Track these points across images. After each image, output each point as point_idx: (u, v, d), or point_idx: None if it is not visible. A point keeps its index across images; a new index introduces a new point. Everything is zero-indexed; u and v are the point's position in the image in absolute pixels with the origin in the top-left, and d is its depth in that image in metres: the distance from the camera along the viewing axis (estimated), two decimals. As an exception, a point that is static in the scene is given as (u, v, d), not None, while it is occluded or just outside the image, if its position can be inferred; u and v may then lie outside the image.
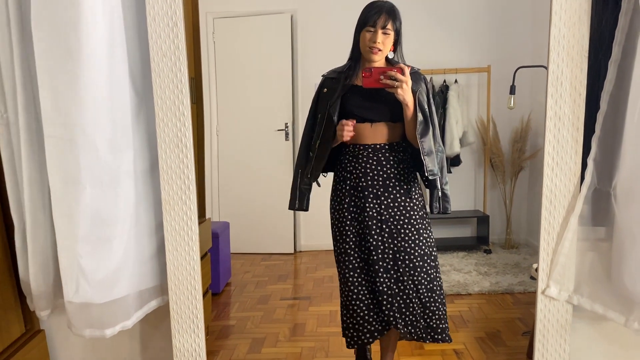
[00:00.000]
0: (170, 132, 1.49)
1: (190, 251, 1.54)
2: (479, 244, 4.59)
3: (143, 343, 1.83)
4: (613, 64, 1.42)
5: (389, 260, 1.99)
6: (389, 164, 2.00)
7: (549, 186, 1.46)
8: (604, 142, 1.46)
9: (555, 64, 1.40)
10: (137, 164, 1.54)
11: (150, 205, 1.60)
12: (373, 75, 1.82)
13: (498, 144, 4.54)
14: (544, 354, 1.54)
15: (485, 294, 3.54)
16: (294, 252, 4.77)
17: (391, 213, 2.00)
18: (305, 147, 2.13)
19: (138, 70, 1.52)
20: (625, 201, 1.42)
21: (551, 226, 1.48)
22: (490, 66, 4.52)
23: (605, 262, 1.51)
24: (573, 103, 1.42)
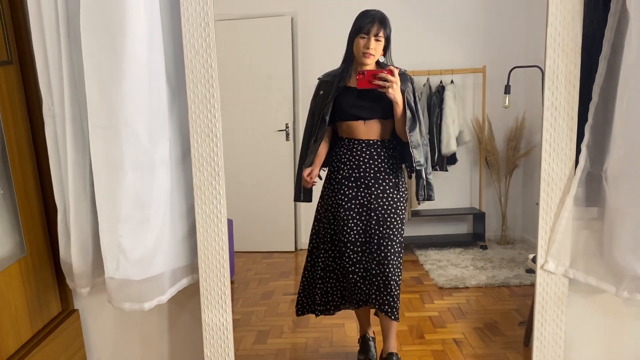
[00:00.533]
0: (201, 123, 1.63)
1: (219, 232, 1.68)
2: (475, 240, 4.65)
3: (171, 320, 1.95)
4: (603, 59, 1.58)
5: (374, 244, 2.20)
6: (380, 158, 2.20)
7: (547, 170, 1.62)
8: (596, 130, 1.63)
9: (552, 60, 1.56)
10: (172, 152, 1.67)
11: (182, 190, 1.73)
12: (366, 77, 2.04)
13: (493, 143, 4.63)
14: (543, 323, 1.69)
15: (482, 287, 3.60)
16: (295, 250, 4.79)
17: (379, 202, 2.20)
18: (306, 143, 2.34)
19: (172, 67, 1.66)
20: (614, 183, 1.58)
21: (549, 207, 1.64)
22: (486, 67, 4.62)
23: (598, 239, 1.66)
24: (568, 94, 1.58)
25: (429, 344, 2.73)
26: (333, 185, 2.28)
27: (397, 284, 2.22)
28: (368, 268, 2.22)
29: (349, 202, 2.22)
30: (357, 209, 2.21)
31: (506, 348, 2.68)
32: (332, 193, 2.27)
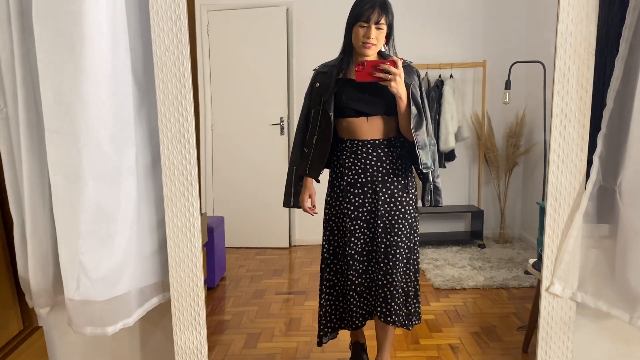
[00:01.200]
0: (172, 128, 1.46)
1: (192, 247, 1.52)
2: (472, 239, 4.62)
3: (143, 340, 1.81)
4: (620, 60, 1.41)
5: (381, 254, 2.03)
6: (388, 159, 2.01)
7: (554, 183, 1.46)
8: (610, 139, 1.46)
9: (562, 61, 1.39)
10: (139, 159, 1.51)
11: (151, 201, 1.58)
12: (366, 69, 1.82)
13: (492, 139, 4.55)
14: (547, 351, 1.54)
15: (480, 288, 3.57)
16: (289, 246, 4.77)
17: (387, 208, 2.03)
18: (300, 143, 2.14)
19: (140, 65, 1.50)
20: (630, 198, 1.42)
21: (556, 223, 1.48)
22: (486, 61, 4.53)
23: (610, 259, 1.51)
24: (579, 100, 1.41)
25: (424, 350, 2.65)
26: (337, 193, 2.11)
27: (404, 293, 2.09)
28: (374, 278, 2.07)
29: (355, 211, 2.04)
30: (365, 217, 2.04)
31: (504, 354, 2.60)
32: (337, 202, 2.11)
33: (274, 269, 4.17)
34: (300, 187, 2.16)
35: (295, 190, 2.17)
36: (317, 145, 2.04)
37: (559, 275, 1.51)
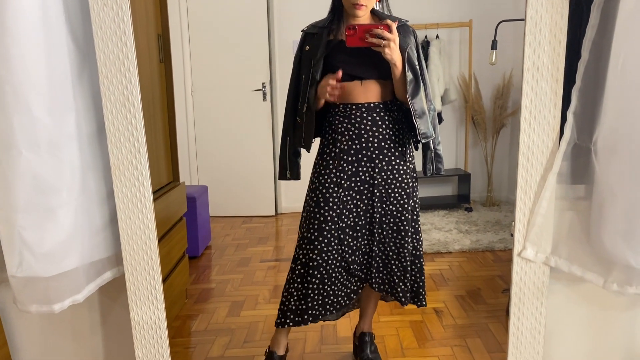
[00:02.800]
0: (115, 90, 1.35)
1: (144, 219, 1.43)
2: (459, 202, 4.58)
3: (103, 315, 1.74)
4: (596, 7, 1.30)
5: (375, 224, 1.92)
6: (384, 124, 1.88)
7: (526, 142, 1.37)
8: (585, 94, 1.36)
9: (534, 9, 1.28)
10: (82, 126, 1.41)
11: (99, 171, 1.48)
12: (357, 34, 1.69)
13: (480, 101, 4.46)
14: (520, 317, 1.48)
15: (466, 251, 3.56)
16: (275, 214, 4.73)
17: (383, 177, 1.90)
18: (291, 112, 1.99)
19: (79, 22, 1.38)
20: (606, 157, 1.33)
21: (528, 185, 1.39)
22: (472, 20, 4.38)
23: (584, 221, 1.43)
24: (553, 52, 1.31)
25: (408, 314, 2.62)
26: (327, 161, 1.92)
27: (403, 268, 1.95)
28: (371, 254, 1.93)
29: (348, 180, 1.88)
30: (358, 187, 1.89)
31: (488, 317, 2.58)
32: (327, 170, 1.92)
33: (259, 237, 4.13)
34: (296, 156, 2.01)
35: (291, 162, 2.01)
36: (307, 113, 1.91)
37: (532, 239, 1.43)
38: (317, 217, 1.92)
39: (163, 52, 2.64)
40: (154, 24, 2.53)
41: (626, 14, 1.23)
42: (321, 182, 1.93)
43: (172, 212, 2.66)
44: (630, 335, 1.60)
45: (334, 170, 1.90)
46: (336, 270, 1.93)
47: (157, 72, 2.57)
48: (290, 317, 1.96)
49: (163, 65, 2.66)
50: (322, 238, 1.89)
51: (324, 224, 1.90)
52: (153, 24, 2.51)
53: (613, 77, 1.27)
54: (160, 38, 2.62)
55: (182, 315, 2.74)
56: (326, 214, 1.90)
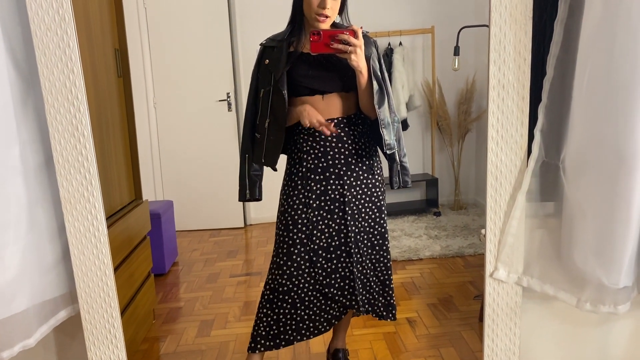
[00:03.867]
0: (63, 120, 1.26)
1: (99, 254, 1.35)
2: (428, 207, 4.59)
3: (60, 354, 1.64)
4: (559, 23, 1.28)
5: (351, 243, 1.85)
6: (350, 139, 1.83)
7: (494, 161, 1.34)
8: (552, 111, 1.34)
9: (498, 27, 1.25)
10: (28, 158, 1.31)
11: (49, 205, 1.38)
12: (322, 39, 1.62)
13: (444, 107, 4.48)
14: (494, 339, 1.45)
15: (437, 258, 3.56)
16: (244, 225, 4.64)
17: (353, 193, 1.85)
18: (250, 128, 1.90)
19: (21, 49, 1.28)
20: (574, 174, 1.31)
21: (497, 205, 1.37)
22: (434, 27, 4.40)
23: (555, 239, 1.41)
24: (518, 69, 1.28)
25: (381, 326, 2.57)
26: (295, 181, 1.86)
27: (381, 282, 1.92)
28: (345, 275, 1.86)
29: (317, 200, 1.82)
30: (328, 207, 1.82)
31: (461, 325, 2.57)
32: (295, 191, 1.85)
33: (228, 250, 4.04)
34: (256, 175, 1.91)
35: (251, 181, 1.92)
36: (271, 129, 1.81)
37: (503, 259, 1.40)
38: (286, 240, 1.85)
39: (121, 66, 2.55)
40: (111, 38, 2.43)
41: (589, 30, 1.22)
42: (289, 204, 1.86)
43: (135, 232, 2.56)
44: (604, 351, 1.60)
45: (302, 191, 1.84)
46: (310, 294, 1.87)
47: (116, 87, 2.47)
48: (261, 342, 1.90)
49: (121, 79, 2.57)
50: (292, 262, 1.83)
51: (292, 247, 1.83)
52: (110, 38, 2.41)
53: (578, 94, 1.26)
54: (118, 52, 2.53)
55: (150, 337, 2.63)
56: (295, 236, 1.84)
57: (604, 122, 1.23)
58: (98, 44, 2.23)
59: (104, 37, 2.33)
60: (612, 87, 1.19)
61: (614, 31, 1.15)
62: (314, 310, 1.89)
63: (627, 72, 1.16)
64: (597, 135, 1.25)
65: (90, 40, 2.08)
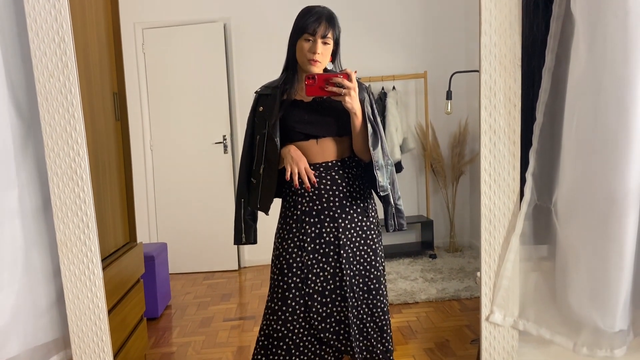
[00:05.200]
0: (62, 163, 1.28)
1: (94, 298, 1.34)
2: (424, 249, 4.57)
3: (50, 401, 1.60)
4: (547, 72, 1.33)
5: (346, 287, 1.82)
6: (344, 182, 1.83)
7: (488, 205, 1.36)
8: (542, 156, 1.37)
9: (488, 74, 1.30)
10: (26, 201, 1.32)
11: (45, 247, 1.38)
12: (317, 83, 1.66)
13: (438, 149, 4.53)
14: (491, 384, 1.43)
15: (433, 301, 3.52)
16: (238, 268, 4.60)
17: (348, 236, 1.84)
18: (246, 173, 1.92)
19: (23, 94, 1.31)
20: (566, 217, 1.33)
21: (492, 247, 1.38)
22: (427, 72, 4.50)
23: (550, 282, 1.41)
24: (508, 115, 1.32)
25: (378, 371, 2.52)
26: (290, 224, 1.85)
27: (379, 328, 1.87)
28: (341, 320, 1.83)
29: (312, 243, 1.81)
30: (323, 250, 1.81)
31: None
32: (290, 235, 1.85)
33: (222, 293, 3.98)
34: (251, 219, 1.93)
35: (246, 225, 1.93)
36: (265, 174, 1.84)
37: (499, 302, 1.40)
38: (281, 285, 1.83)
39: (119, 109, 2.59)
40: (110, 83, 2.48)
41: (576, 77, 1.26)
42: (284, 247, 1.85)
43: (128, 275, 2.54)
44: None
45: (297, 234, 1.83)
46: (305, 340, 1.84)
47: (113, 130, 2.50)
48: None
49: (119, 122, 2.60)
50: (286, 307, 1.81)
51: (287, 291, 1.82)
52: (109, 82, 2.46)
53: (568, 139, 1.29)
54: (116, 96, 2.57)
55: (142, 384, 2.58)
56: (289, 280, 1.82)
57: (593, 165, 1.26)
58: (97, 88, 2.27)
59: (103, 81, 2.37)
60: (599, 132, 1.22)
61: (599, 79, 1.19)
62: (308, 356, 1.85)
63: (613, 118, 1.19)
64: (587, 178, 1.28)
65: (90, 84, 2.12)
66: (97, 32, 2.31)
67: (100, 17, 2.41)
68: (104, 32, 2.45)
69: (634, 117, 1.16)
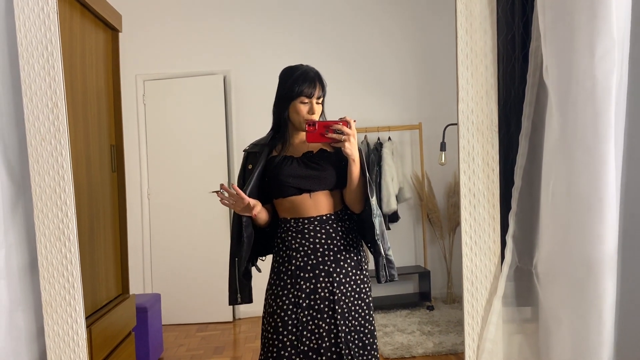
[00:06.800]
0: (50, 224, 1.31)
1: (77, 359, 1.34)
2: (421, 300, 4.52)
3: None
4: (524, 137, 1.37)
5: (342, 344, 1.79)
6: (339, 235, 1.84)
7: (469, 267, 1.37)
8: (522, 218, 1.39)
9: (466, 140, 1.34)
10: (12, 261, 1.34)
11: (30, 307, 1.39)
12: (317, 130, 1.70)
13: (434, 200, 4.54)
14: None
15: (430, 355, 3.44)
16: (233, 319, 4.53)
17: (343, 291, 1.82)
18: (238, 232, 1.92)
19: (15, 157, 1.36)
20: (547, 281, 1.34)
21: (474, 309, 1.38)
22: (422, 123, 4.58)
23: (534, 344, 1.41)
24: (487, 179, 1.35)
25: None
26: (284, 280, 1.84)
27: None
28: None
29: (307, 299, 1.79)
30: (318, 306, 1.79)
31: None
32: (285, 291, 1.83)
33: (215, 346, 3.92)
34: (246, 277, 1.91)
35: (241, 284, 1.91)
36: (248, 229, 1.85)
37: (482, 366, 1.40)
38: (275, 343, 1.80)
39: (116, 161, 2.63)
40: (108, 135, 2.53)
41: (550, 144, 1.30)
42: (278, 304, 1.82)
43: (119, 327, 2.51)
44: None
45: (292, 290, 1.81)
46: None
47: (109, 182, 2.54)
48: None
49: (115, 174, 2.64)
50: None
51: (282, 350, 1.78)
52: (107, 135, 2.51)
53: (545, 203, 1.32)
54: (114, 148, 2.62)
55: None
56: (284, 339, 1.79)
57: (569, 230, 1.28)
58: (94, 141, 2.32)
59: (100, 133, 2.43)
60: (573, 197, 1.25)
61: (571, 146, 1.23)
62: None
63: (585, 185, 1.22)
64: (564, 242, 1.29)
65: (87, 137, 2.17)
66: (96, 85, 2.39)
67: (101, 72, 2.49)
68: (104, 86, 2.53)
69: (605, 185, 1.19)
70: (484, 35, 1.29)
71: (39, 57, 1.26)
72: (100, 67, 2.46)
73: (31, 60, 1.26)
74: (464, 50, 1.28)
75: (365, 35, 4.64)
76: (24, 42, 1.25)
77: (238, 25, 4.54)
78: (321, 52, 4.48)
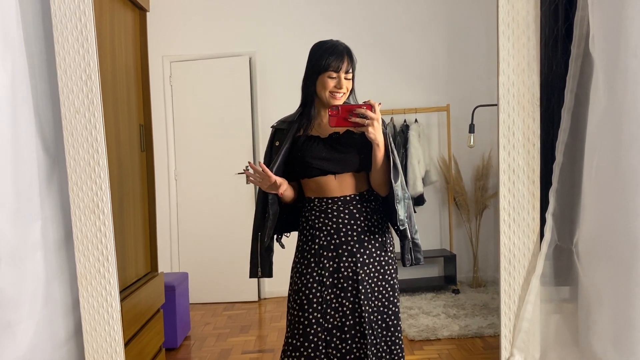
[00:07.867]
0: (85, 197, 1.31)
1: (111, 331, 1.35)
2: (447, 284, 4.48)
3: None
4: (567, 111, 1.32)
5: (365, 324, 1.79)
6: (363, 215, 1.82)
7: (507, 245, 1.33)
8: (562, 195, 1.35)
9: (506, 113, 1.30)
10: (48, 234, 1.35)
11: (65, 279, 1.41)
12: (341, 114, 1.65)
13: (461, 183, 4.48)
14: None
15: (455, 338, 3.41)
16: (258, 299, 4.57)
17: (366, 271, 1.81)
18: (262, 207, 1.92)
19: (50, 130, 1.36)
20: (588, 260, 1.30)
21: (512, 288, 1.35)
22: (449, 105, 4.49)
23: (572, 325, 1.37)
24: (527, 154, 1.31)
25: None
26: (308, 259, 1.83)
27: None
28: (360, 357, 1.80)
29: (330, 278, 1.79)
30: (342, 285, 1.79)
31: None
32: (309, 269, 1.82)
33: (241, 325, 3.95)
34: (268, 252, 1.91)
35: (262, 258, 1.92)
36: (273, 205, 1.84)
37: (519, 345, 1.36)
38: (302, 320, 1.80)
39: (145, 141, 2.64)
40: (137, 115, 2.54)
41: (596, 118, 1.25)
42: (303, 282, 1.83)
43: (148, 304, 2.55)
44: None
45: (316, 268, 1.81)
46: None
47: (138, 161, 2.55)
48: None
49: (144, 154, 2.66)
50: (309, 343, 1.78)
51: (309, 327, 1.79)
52: (135, 115, 2.52)
53: (588, 179, 1.27)
54: (143, 128, 2.63)
55: (158, 417, 2.56)
56: (310, 316, 1.79)
57: (615, 208, 1.23)
58: (124, 121, 2.33)
59: (130, 114, 2.43)
60: (621, 173, 1.20)
61: (620, 120, 1.18)
62: None
63: (635, 159, 1.17)
64: (608, 221, 1.24)
65: (117, 117, 2.18)
66: (125, 66, 2.39)
67: (130, 52, 2.49)
68: (133, 66, 2.53)
69: (657, 159, 1.14)
70: (526, 4, 1.23)
71: (72, 29, 1.26)
72: (129, 46, 2.46)
73: (65, 32, 1.25)
74: (505, 19, 1.23)
75: (392, 15, 4.56)
76: (57, 13, 1.24)
77: (263, 6, 4.51)
78: (347, 32, 4.41)
